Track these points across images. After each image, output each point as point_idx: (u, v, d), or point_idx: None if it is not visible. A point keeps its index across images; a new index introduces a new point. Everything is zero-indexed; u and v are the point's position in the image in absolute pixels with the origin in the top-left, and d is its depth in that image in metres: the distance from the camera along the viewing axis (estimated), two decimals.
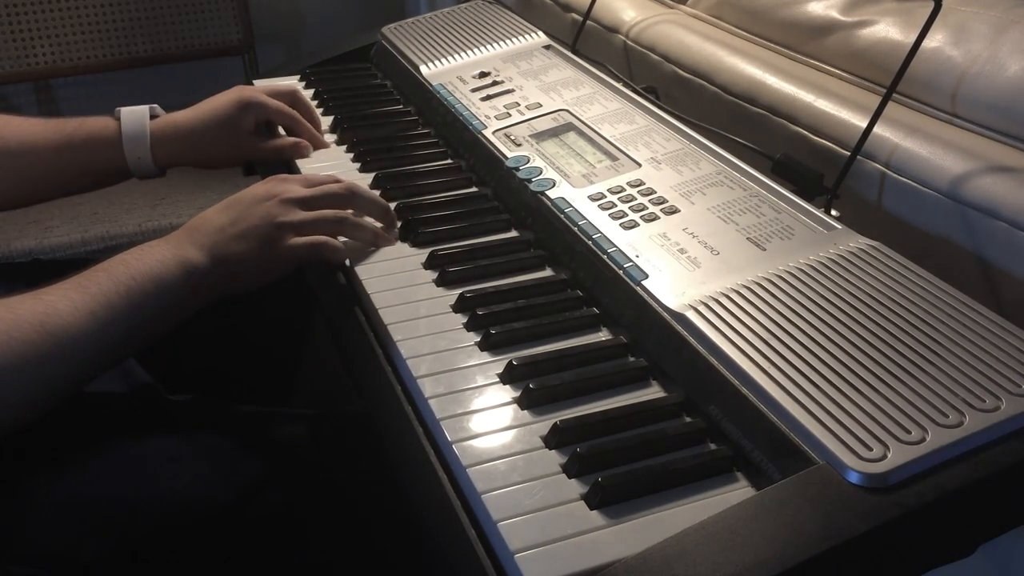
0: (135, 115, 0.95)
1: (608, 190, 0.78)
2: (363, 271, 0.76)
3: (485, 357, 0.66)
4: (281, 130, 1.01)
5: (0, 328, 0.62)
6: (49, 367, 0.65)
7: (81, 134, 0.94)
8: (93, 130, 0.94)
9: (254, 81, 1.18)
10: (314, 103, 1.11)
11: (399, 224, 0.83)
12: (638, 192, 0.77)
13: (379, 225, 0.81)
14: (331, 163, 0.97)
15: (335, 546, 0.77)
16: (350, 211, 0.80)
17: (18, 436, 0.65)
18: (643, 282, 0.67)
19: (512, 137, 0.91)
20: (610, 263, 0.70)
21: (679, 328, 0.62)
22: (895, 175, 0.77)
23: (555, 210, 0.78)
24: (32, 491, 0.70)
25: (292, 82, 1.16)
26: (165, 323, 0.74)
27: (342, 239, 0.79)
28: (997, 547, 0.55)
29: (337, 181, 0.81)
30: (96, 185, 0.99)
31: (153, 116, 0.96)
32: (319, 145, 1.01)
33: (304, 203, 0.77)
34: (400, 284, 0.75)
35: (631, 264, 0.69)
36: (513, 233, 0.82)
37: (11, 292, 0.93)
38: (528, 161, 0.86)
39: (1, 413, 0.63)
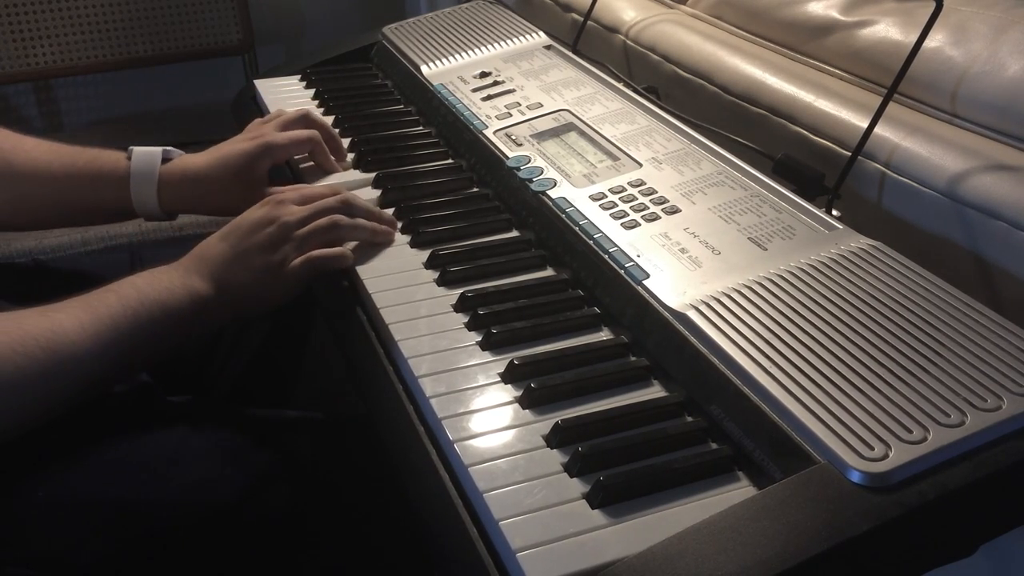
0: (147, 156, 0.91)
1: (609, 190, 0.79)
2: (364, 271, 0.77)
3: (486, 356, 0.66)
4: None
5: (5, 342, 0.62)
6: (51, 384, 0.65)
7: (91, 168, 0.91)
8: (104, 166, 0.91)
9: (255, 81, 1.18)
10: (315, 103, 1.11)
11: (399, 225, 0.83)
12: (639, 192, 0.77)
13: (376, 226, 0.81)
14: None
15: (336, 547, 0.77)
16: (341, 216, 0.80)
17: (12, 439, 0.65)
18: (644, 282, 0.67)
19: (513, 137, 0.91)
20: (611, 263, 0.70)
21: (680, 328, 0.62)
22: (895, 175, 0.77)
23: (556, 210, 0.78)
24: (32, 492, 0.70)
25: (304, 106, 1.07)
26: (168, 348, 0.75)
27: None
28: (997, 547, 0.55)
29: (333, 191, 0.82)
30: (99, 220, 0.96)
31: (167, 159, 0.92)
32: (332, 168, 0.95)
33: (301, 224, 0.77)
34: (401, 284, 0.75)
35: (632, 264, 0.69)
36: (514, 233, 0.82)
37: (11, 292, 0.93)
38: (529, 161, 0.86)
39: (1, 425, 0.63)
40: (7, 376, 0.62)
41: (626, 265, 0.69)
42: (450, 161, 0.95)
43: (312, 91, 1.14)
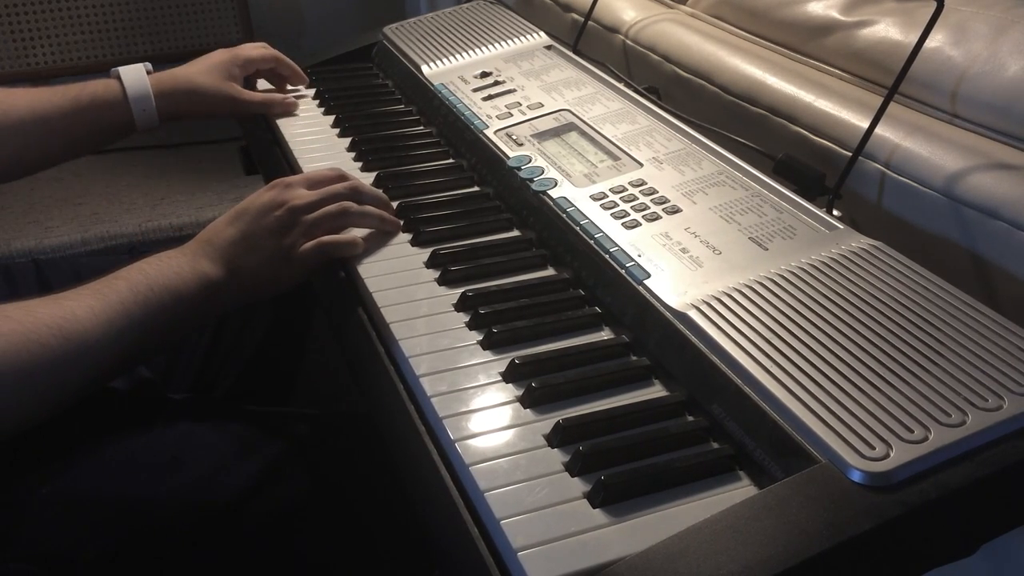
0: (135, 73, 1.00)
1: (610, 190, 0.79)
2: (365, 270, 0.77)
3: (487, 356, 0.66)
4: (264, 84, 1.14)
5: (18, 330, 0.62)
6: (64, 371, 0.65)
7: (86, 96, 0.97)
8: (97, 92, 0.98)
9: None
10: (315, 102, 1.11)
11: (401, 223, 0.83)
12: (640, 192, 0.77)
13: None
14: (333, 163, 0.97)
15: (337, 546, 0.77)
16: (351, 203, 0.80)
17: (18, 435, 0.65)
18: (645, 281, 0.67)
19: (514, 137, 0.91)
20: (612, 262, 0.70)
21: (681, 327, 0.62)
22: (895, 175, 0.77)
23: (557, 210, 0.78)
24: (32, 490, 0.70)
25: (304, 106, 1.13)
26: (179, 332, 0.75)
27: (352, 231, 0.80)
28: (997, 547, 0.55)
29: (341, 176, 0.81)
30: (102, 144, 1.04)
31: (149, 72, 1.01)
32: (301, 80, 1.13)
33: (310, 208, 0.77)
34: (402, 283, 0.75)
35: (633, 263, 0.69)
36: (515, 232, 0.82)
37: (11, 292, 0.93)
38: (530, 161, 0.86)
39: (15, 413, 0.63)
40: (22, 364, 0.62)
41: (627, 265, 0.69)
42: (451, 161, 0.95)
43: (313, 91, 1.14)
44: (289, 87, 1.14)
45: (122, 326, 0.68)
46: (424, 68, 1.09)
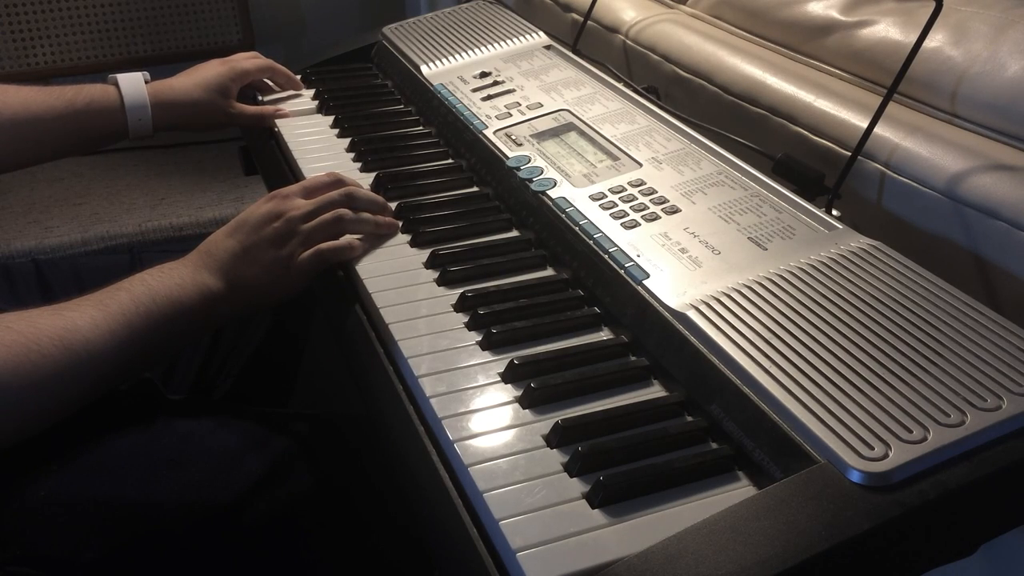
0: (133, 81, 1.00)
1: (609, 190, 0.79)
2: (364, 271, 0.77)
3: (486, 356, 0.66)
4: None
5: (21, 342, 0.63)
6: (67, 381, 0.65)
7: (82, 99, 0.97)
8: (93, 96, 0.98)
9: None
10: (315, 103, 1.11)
11: (400, 224, 0.83)
12: (639, 192, 0.77)
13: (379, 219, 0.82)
14: (332, 164, 0.97)
15: (337, 546, 0.77)
16: (347, 210, 0.80)
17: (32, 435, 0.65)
18: (644, 281, 0.67)
19: (513, 137, 0.91)
20: (611, 263, 0.70)
21: (680, 327, 0.62)
22: (895, 175, 0.77)
23: (556, 210, 0.78)
24: (33, 491, 0.70)
25: (304, 106, 1.13)
26: (180, 343, 0.75)
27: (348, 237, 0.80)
28: (997, 547, 0.55)
29: (338, 182, 0.82)
30: (93, 148, 1.06)
31: (144, 82, 1.01)
32: (296, 86, 1.14)
33: (307, 217, 0.78)
34: (401, 284, 0.75)
35: (632, 264, 0.69)
36: (514, 233, 0.82)
37: (12, 293, 0.93)
38: (529, 161, 0.86)
39: (17, 423, 0.64)
40: (25, 374, 0.62)
41: (626, 265, 0.69)
42: (450, 161, 0.95)
43: (312, 91, 1.14)
44: (286, 93, 1.14)
45: (124, 336, 0.68)
46: (423, 68, 1.09)
